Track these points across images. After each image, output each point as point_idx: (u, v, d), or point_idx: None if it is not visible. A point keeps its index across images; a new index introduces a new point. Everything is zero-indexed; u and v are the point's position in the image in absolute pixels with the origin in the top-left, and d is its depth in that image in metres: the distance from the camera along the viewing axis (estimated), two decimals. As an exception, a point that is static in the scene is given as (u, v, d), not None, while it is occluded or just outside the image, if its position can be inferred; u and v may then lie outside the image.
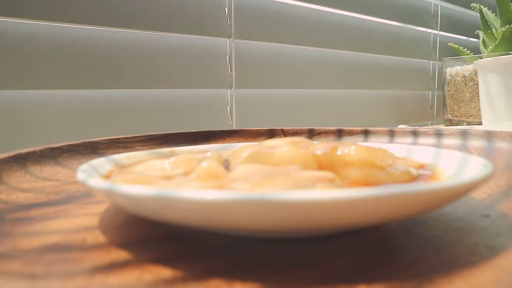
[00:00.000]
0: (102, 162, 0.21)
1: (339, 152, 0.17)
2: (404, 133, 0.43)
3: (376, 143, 0.28)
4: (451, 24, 1.06)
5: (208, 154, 0.19)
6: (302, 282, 0.12)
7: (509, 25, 0.73)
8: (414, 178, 0.18)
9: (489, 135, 0.39)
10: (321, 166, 0.17)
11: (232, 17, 0.63)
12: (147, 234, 0.16)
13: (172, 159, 0.20)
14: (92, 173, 0.19)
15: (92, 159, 0.33)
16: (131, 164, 0.21)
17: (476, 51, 0.88)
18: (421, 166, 0.20)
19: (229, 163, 0.18)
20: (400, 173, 0.17)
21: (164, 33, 0.57)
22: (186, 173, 0.17)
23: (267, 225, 0.13)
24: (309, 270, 0.13)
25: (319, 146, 0.18)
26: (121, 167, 0.22)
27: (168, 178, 0.17)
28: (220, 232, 0.15)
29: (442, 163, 0.21)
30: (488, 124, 0.63)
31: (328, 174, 0.16)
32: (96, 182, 0.15)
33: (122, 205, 0.15)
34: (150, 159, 0.21)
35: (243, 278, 0.12)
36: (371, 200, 0.12)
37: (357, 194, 0.12)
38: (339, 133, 0.45)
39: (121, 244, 0.15)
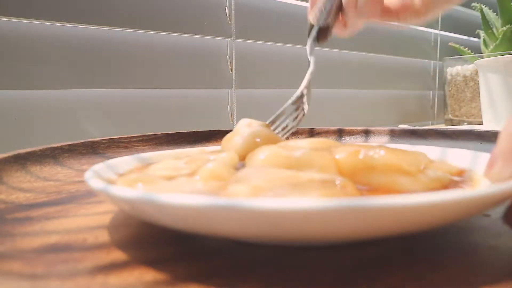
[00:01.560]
0: (125, 160, 0.21)
1: (361, 156, 0.16)
2: (405, 133, 0.43)
3: (412, 145, 0.26)
4: (452, 24, 1.06)
5: (223, 155, 0.19)
6: (302, 282, 0.12)
7: (510, 25, 0.73)
8: (445, 186, 0.16)
9: (489, 135, 0.39)
10: (341, 170, 0.16)
11: (233, 17, 0.63)
12: (147, 235, 0.16)
13: (186, 159, 0.20)
14: (105, 173, 0.19)
15: (92, 159, 0.33)
16: (152, 163, 0.21)
17: (477, 50, 0.88)
18: (460, 173, 0.18)
19: (245, 165, 0.18)
20: (429, 181, 0.16)
21: (164, 33, 0.57)
22: (192, 174, 0.17)
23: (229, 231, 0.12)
24: (309, 270, 0.13)
25: (341, 149, 0.17)
26: (143, 165, 0.22)
27: (171, 178, 0.17)
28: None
29: (480, 168, 0.18)
30: (488, 123, 0.63)
31: (333, 178, 0.14)
32: (95, 183, 0.15)
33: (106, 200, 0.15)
34: (168, 159, 0.21)
35: (243, 278, 0.12)
36: (326, 213, 0.11)
37: (321, 204, 0.11)
38: (340, 133, 0.45)
39: (122, 244, 0.15)
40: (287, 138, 0.32)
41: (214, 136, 0.43)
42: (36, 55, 0.47)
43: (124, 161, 0.21)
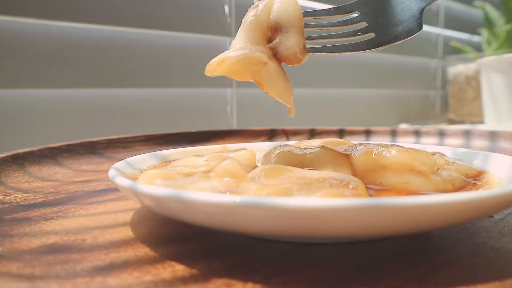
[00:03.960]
0: (144, 158, 0.22)
1: (374, 155, 0.16)
2: (406, 132, 0.43)
3: (428, 145, 0.25)
4: (454, 22, 1.05)
5: (241, 152, 0.19)
6: (303, 282, 0.12)
7: (512, 24, 0.73)
8: (458, 188, 0.16)
9: (492, 135, 0.39)
10: (354, 169, 0.16)
11: (232, 15, 0.62)
12: (147, 235, 0.16)
13: (207, 156, 0.20)
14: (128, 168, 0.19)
15: (91, 159, 0.33)
16: (175, 159, 0.22)
17: (479, 49, 0.88)
18: (478, 174, 0.18)
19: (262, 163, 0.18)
20: (442, 182, 0.15)
21: (164, 32, 0.57)
22: (209, 171, 0.18)
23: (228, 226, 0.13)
24: (310, 270, 0.13)
25: (355, 149, 0.17)
26: (166, 161, 0.23)
27: (189, 175, 0.18)
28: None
29: (500, 171, 0.18)
30: (490, 123, 0.62)
31: (342, 178, 0.14)
32: (119, 180, 0.15)
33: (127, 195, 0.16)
34: (189, 156, 0.22)
35: (244, 278, 0.12)
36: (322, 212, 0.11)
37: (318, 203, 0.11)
38: (341, 133, 0.45)
39: (120, 245, 0.15)
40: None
41: (214, 136, 0.42)
42: (36, 55, 0.46)
43: (142, 159, 0.22)
